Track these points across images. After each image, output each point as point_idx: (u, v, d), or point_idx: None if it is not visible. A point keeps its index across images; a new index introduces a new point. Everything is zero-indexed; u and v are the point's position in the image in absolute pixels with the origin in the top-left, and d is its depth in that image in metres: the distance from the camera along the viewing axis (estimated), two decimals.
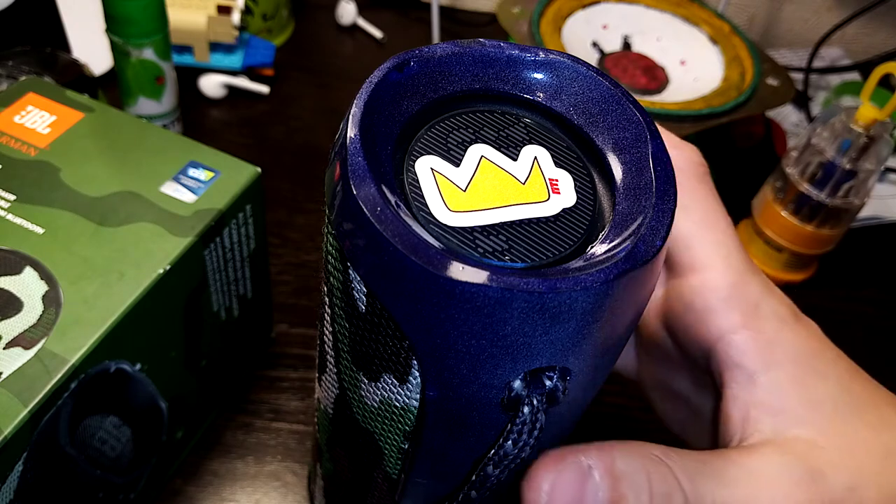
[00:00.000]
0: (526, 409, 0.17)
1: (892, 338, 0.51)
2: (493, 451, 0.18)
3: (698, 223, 0.24)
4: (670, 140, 0.25)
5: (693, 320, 0.24)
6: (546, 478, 0.19)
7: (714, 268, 0.23)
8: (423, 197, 0.17)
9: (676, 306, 0.24)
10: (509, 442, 0.18)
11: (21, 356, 0.26)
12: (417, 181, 0.17)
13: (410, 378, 0.18)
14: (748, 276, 0.23)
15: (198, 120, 0.58)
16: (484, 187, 0.17)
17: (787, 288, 0.53)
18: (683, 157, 0.25)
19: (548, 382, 0.17)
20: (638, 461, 0.19)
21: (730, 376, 0.23)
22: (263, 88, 0.61)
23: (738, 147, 0.61)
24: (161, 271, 0.30)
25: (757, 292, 0.23)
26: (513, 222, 0.17)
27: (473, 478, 0.18)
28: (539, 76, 0.19)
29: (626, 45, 0.58)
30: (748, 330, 0.23)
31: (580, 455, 0.19)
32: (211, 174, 0.33)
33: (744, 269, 0.24)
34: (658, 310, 0.26)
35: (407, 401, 0.18)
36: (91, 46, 0.56)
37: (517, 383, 0.17)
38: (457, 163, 0.18)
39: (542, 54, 0.19)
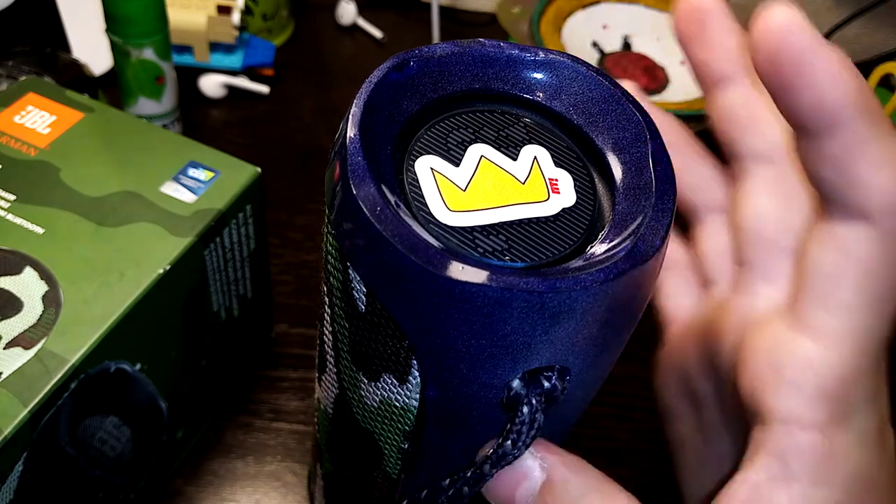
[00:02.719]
0: (525, 409, 0.17)
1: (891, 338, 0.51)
2: (491, 451, 0.18)
3: (846, 263, 0.18)
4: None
5: (769, 385, 0.19)
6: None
7: (838, 350, 0.18)
8: (422, 197, 0.17)
9: (762, 352, 0.19)
10: (508, 442, 0.18)
11: (21, 356, 0.26)
12: (417, 181, 0.17)
13: (410, 378, 0.18)
14: (869, 377, 0.19)
15: (198, 120, 0.58)
16: (484, 187, 0.17)
17: None
18: None
19: (546, 383, 0.17)
20: (584, 477, 0.19)
21: (766, 464, 0.19)
22: (263, 88, 0.61)
23: None
24: (161, 271, 0.30)
25: (862, 399, 0.19)
26: (512, 222, 0.17)
27: (468, 474, 0.18)
28: (539, 76, 0.19)
29: (626, 45, 0.58)
30: (821, 435, 0.18)
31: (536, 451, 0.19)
32: (211, 174, 0.33)
33: (869, 366, 0.18)
34: (746, 317, 0.21)
35: (407, 401, 0.18)
36: (91, 46, 0.56)
37: (516, 383, 0.17)
38: (456, 162, 0.18)
39: (541, 54, 0.19)
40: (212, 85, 0.59)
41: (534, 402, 0.17)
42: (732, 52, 0.22)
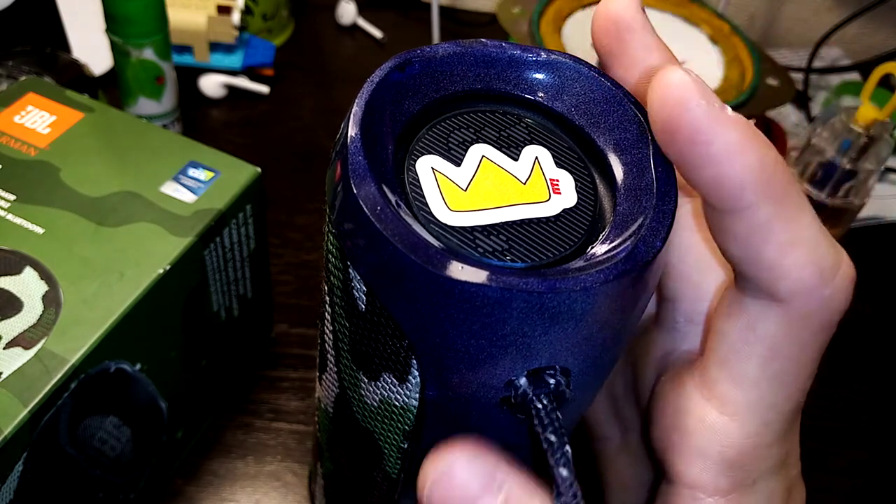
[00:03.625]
0: (540, 404, 0.17)
1: (892, 338, 0.51)
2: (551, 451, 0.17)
3: (754, 341, 0.18)
4: (822, 265, 0.17)
5: (677, 447, 0.19)
6: (449, 459, 0.16)
7: (741, 422, 0.18)
8: (423, 196, 0.17)
9: (672, 411, 0.20)
10: (551, 435, 0.17)
11: (21, 356, 0.26)
12: (418, 181, 0.17)
13: (410, 377, 0.18)
14: (773, 447, 0.19)
15: (198, 120, 0.58)
16: (485, 187, 0.17)
17: None
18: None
19: (550, 380, 0.17)
20: None
21: None
22: (263, 88, 0.61)
23: None
24: (161, 271, 0.30)
25: (767, 468, 0.19)
26: (513, 222, 0.17)
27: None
28: (540, 76, 0.19)
29: None
30: (726, 501, 0.19)
31: (500, 469, 0.16)
32: (211, 174, 0.33)
33: (774, 439, 0.19)
34: (665, 357, 0.21)
35: (406, 400, 0.18)
36: (91, 46, 0.56)
37: (523, 381, 0.17)
38: (458, 162, 0.18)
39: (543, 54, 0.19)
40: (212, 85, 0.59)
41: (545, 400, 0.17)
42: (652, 71, 0.19)
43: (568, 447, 0.16)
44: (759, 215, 0.16)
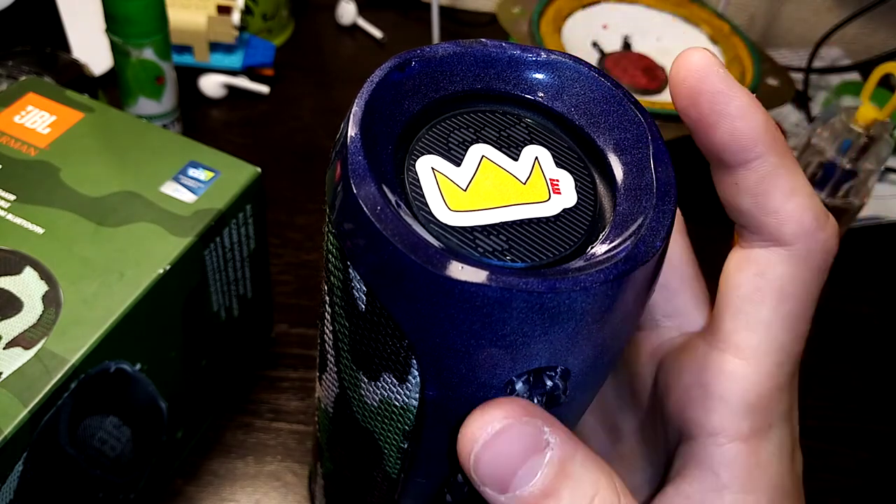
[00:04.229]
0: (533, 402, 0.17)
1: (892, 338, 0.52)
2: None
3: (771, 290, 0.20)
4: (817, 212, 0.19)
5: (697, 401, 0.20)
6: (500, 419, 0.17)
7: (758, 364, 0.20)
8: (423, 196, 0.17)
9: (687, 373, 0.21)
10: None
11: (21, 356, 0.26)
12: (418, 181, 0.17)
13: (410, 377, 0.18)
14: (784, 391, 0.20)
15: (198, 120, 0.58)
16: (484, 187, 0.17)
17: None
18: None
19: (549, 382, 0.17)
20: (595, 475, 0.18)
21: (697, 475, 0.20)
22: (263, 88, 0.61)
23: None
24: (161, 271, 0.30)
25: (780, 413, 0.20)
26: (513, 222, 0.17)
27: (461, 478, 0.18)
28: (540, 76, 0.19)
29: (626, 45, 0.58)
30: (747, 446, 0.20)
31: (546, 426, 0.17)
32: (211, 174, 0.33)
33: (785, 382, 0.20)
34: (658, 348, 0.23)
35: (406, 400, 0.18)
36: (91, 46, 0.56)
37: (518, 384, 0.17)
38: (458, 162, 0.18)
39: (543, 54, 0.19)
40: (212, 85, 0.59)
41: (535, 402, 0.17)
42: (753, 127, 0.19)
43: None
44: (767, 165, 0.18)
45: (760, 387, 0.20)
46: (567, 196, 0.18)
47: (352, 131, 0.16)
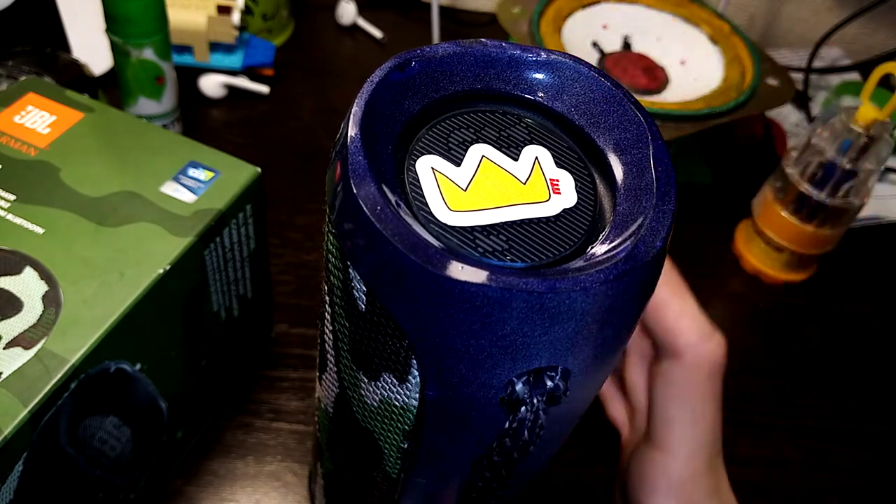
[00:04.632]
0: (523, 409, 0.17)
1: (891, 338, 0.52)
2: (494, 453, 0.18)
3: (694, 400, 0.26)
4: (702, 329, 0.26)
5: (638, 487, 0.27)
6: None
7: (674, 456, 0.26)
8: (423, 196, 0.17)
9: (635, 463, 0.28)
10: (507, 439, 0.17)
11: (21, 356, 0.26)
12: (418, 181, 0.17)
13: (410, 377, 0.18)
14: (705, 475, 0.27)
15: (198, 120, 0.58)
16: (485, 187, 0.17)
17: (787, 288, 0.53)
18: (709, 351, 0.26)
19: (549, 382, 0.17)
20: None
21: None
22: (263, 88, 0.61)
23: (739, 147, 0.61)
24: (161, 271, 0.30)
25: (705, 491, 0.27)
26: (513, 222, 0.17)
27: (479, 481, 0.18)
28: (541, 76, 0.19)
29: (626, 45, 0.58)
30: None
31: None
32: (211, 174, 0.33)
33: (703, 467, 0.26)
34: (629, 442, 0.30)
35: (406, 400, 0.18)
36: (91, 46, 0.56)
37: (519, 384, 0.17)
38: (458, 162, 0.18)
39: (543, 54, 0.19)
40: (212, 85, 0.59)
41: (535, 401, 0.17)
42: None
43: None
44: (660, 294, 0.25)
45: (679, 473, 0.26)
46: (567, 196, 0.18)
47: (352, 131, 0.16)
